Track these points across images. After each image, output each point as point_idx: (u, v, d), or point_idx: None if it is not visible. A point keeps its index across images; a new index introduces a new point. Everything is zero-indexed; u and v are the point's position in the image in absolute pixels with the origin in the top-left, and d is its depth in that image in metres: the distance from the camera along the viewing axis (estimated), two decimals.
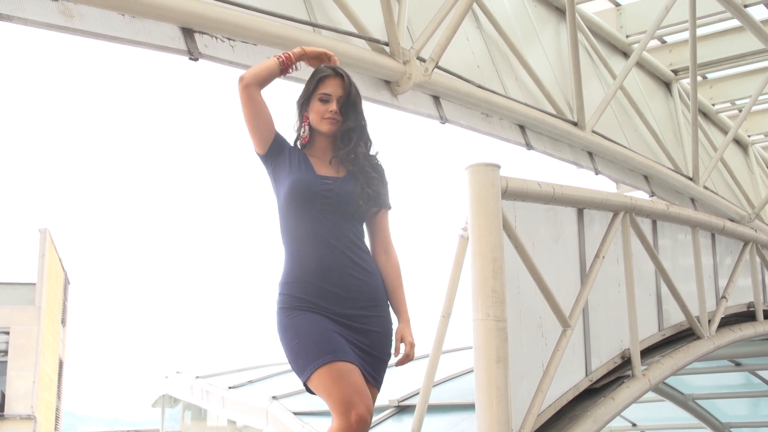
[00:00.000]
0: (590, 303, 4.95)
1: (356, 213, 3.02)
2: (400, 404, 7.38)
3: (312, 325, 2.88)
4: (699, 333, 6.02)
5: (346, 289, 2.94)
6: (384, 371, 3.01)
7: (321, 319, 2.90)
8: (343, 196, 2.99)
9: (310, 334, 2.85)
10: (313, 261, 2.95)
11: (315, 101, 3.05)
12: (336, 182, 3.01)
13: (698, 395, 11.61)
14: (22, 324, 25.11)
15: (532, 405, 4.29)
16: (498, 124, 6.68)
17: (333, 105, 3.05)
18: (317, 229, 2.97)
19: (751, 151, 12.35)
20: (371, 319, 2.97)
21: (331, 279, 2.93)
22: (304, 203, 2.98)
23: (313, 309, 2.91)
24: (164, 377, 14.74)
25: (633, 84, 9.27)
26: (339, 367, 2.80)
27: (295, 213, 3.00)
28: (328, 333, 2.86)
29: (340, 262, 2.95)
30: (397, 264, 3.11)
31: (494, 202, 4.08)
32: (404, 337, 3.01)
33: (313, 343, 2.84)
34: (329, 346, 2.82)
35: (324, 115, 3.04)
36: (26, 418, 24.51)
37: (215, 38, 4.46)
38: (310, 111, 3.07)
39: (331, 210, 2.98)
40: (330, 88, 3.06)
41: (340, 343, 2.85)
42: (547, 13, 8.09)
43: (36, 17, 3.73)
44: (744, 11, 8.59)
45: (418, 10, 5.91)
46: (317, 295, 2.93)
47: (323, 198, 2.98)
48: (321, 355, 2.80)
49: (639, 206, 5.36)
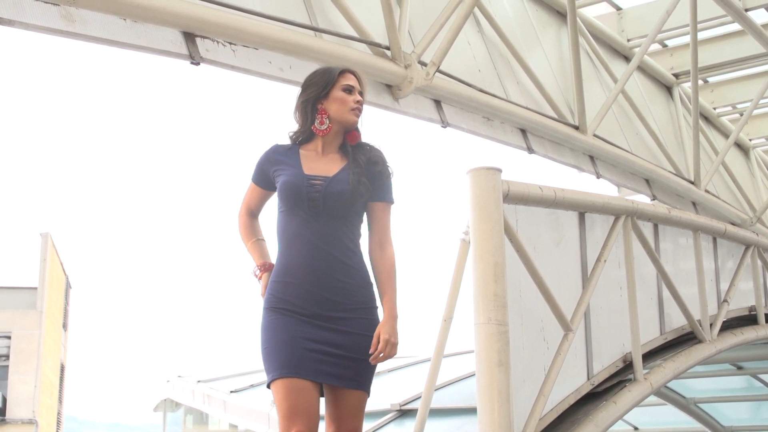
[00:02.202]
0: (592, 307, 4.95)
1: (347, 212, 3.00)
2: (402, 408, 7.37)
3: (282, 335, 2.91)
4: (701, 337, 6.02)
5: (330, 292, 2.94)
6: (368, 372, 2.98)
7: (293, 327, 2.91)
8: (331, 197, 2.97)
9: (278, 343, 2.91)
10: (298, 262, 2.96)
11: (337, 92, 3.06)
12: (324, 182, 2.99)
13: (700, 399, 11.59)
14: (24, 328, 25.11)
15: (534, 409, 4.28)
16: (499, 128, 6.68)
17: (357, 95, 3.09)
18: (305, 230, 2.97)
19: (752, 155, 12.35)
20: (352, 321, 2.95)
21: (315, 281, 2.94)
22: (293, 205, 3.00)
23: (291, 312, 2.93)
24: (166, 381, 14.75)
25: (634, 88, 9.27)
26: (293, 384, 2.87)
27: (286, 214, 3.02)
28: (293, 345, 2.89)
29: (325, 265, 2.94)
30: (391, 260, 3.06)
31: (495, 206, 4.08)
32: (381, 333, 2.96)
33: (277, 352, 2.91)
34: (290, 361, 2.88)
35: (351, 106, 3.06)
36: (28, 422, 24.51)
37: (216, 42, 4.47)
38: (330, 102, 3.06)
39: (319, 211, 2.97)
40: (352, 81, 3.11)
41: (302, 357, 2.88)
42: (548, 17, 8.09)
43: (37, 22, 3.73)
44: (745, 15, 8.59)
45: (419, 14, 5.92)
46: (299, 296, 2.94)
47: (310, 200, 2.97)
48: (280, 368, 2.89)
49: (640, 210, 5.36)
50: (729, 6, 8.29)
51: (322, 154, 3.08)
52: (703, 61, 9.51)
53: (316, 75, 3.12)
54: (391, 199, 3.11)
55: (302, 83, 3.16)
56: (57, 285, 27.84)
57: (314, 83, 3.09)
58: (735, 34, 9.80)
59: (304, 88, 3.12)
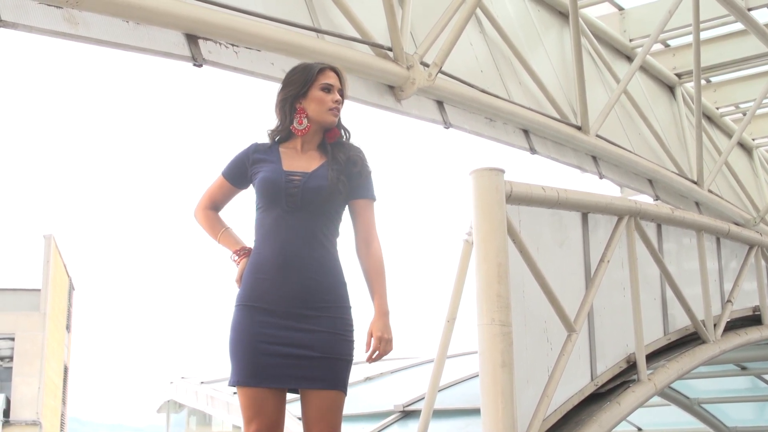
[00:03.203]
0: (595, 307, 4.95)
1: (325, 208, 2.98)
2: (405, 409, 7.38)
3: (246, 338, 2.92)
4: (704, 337, 6.01)
5: (300, 289, 2.91)
6: (337, 370, 2.92)
7: (260, 331, 2.91)
8: (310, 192, 2.96)
9: (243, 347, 2.93)
10: (271, 259, 2.94)
11: (315, 91, 3.04)
12: (303, 177, 2.98)
13: (704, 399, 11.58)
14: (27, 330, 25.15)
15: (538, 410, 4.28)
16: (502, 129, 6.68)
17: (336, 95, 3.07)
18: (280, 226, 2.95)
19: (755, 155, 12.33)
20: (323, 319, 2.91)
21: (287, 278, 2.92)
22: (271, 201, 2.98)
23: (260, 309, 2.92)
24: (169, 383, 14.77)
25: (637, 88, 9.26)
26: (254, 393, 2.91)
27: (263, 211, 3.01)
28: (258, 351, 2.89)
29: (298, 262, 2.92)
30: (378, 257, 3.03)
31: (499, 207, 4.08)
32: (373, 332, 2.94)
33: (241, 357, 2.93)
34: (254, 370, 2.90)
35: (329, 105, 3.04)
36: (31, 423, 24.55)
37: (219, 44, 4.47)
38: (309, 101, 3.04)
39: (297, 207, 2.95)
40: (331, 79, 3.08)
41: (267, 365, 2.89)
42: (550, 18, 8.09)
43: (41, 24, 3.74)
44: (748, 14, 8.58)
45: (421, 15, 5.92)
46: (269, 293, 2.92)
47: (288, 196, 2.96)
48: (243, 376, 2.92)
49: (644, 210, 5.36)
50: (732, 5, 8.28)
51: (302, 152, 3.06)
52: (705, 60, 9.50)
53: (296, 72, 3.09)
54: (373, 196, 3.08)
55: (283, 79, 3.13)
56: (60, 287, 27.88)
57: (293, 81, 3.06)
58: (738, 34, 9.78)
59: (283, 86, 3.10)
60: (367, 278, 3.03)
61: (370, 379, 9.63)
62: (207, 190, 3.21)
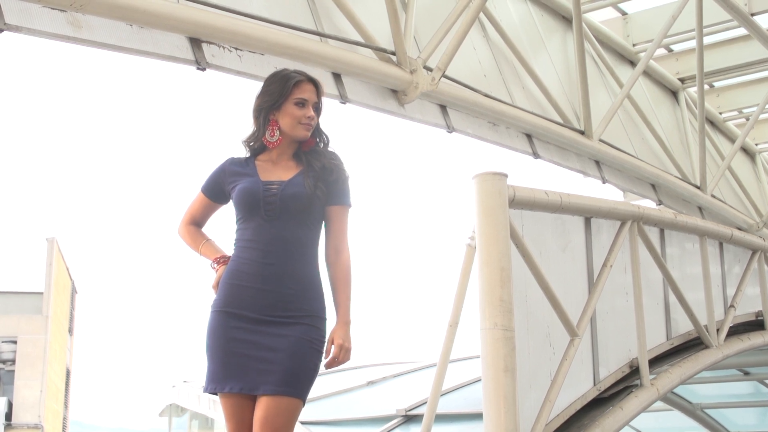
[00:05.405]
0: (598, 312, 4.94)
1: (303, 216, 2.99)
2: (408, 413, 7.37)
3: (219, 343, 2.95)
4: (707, 342, 6.00)
5: (276, 297, 2.93)
6: (300, 377, 2.91)
7: (230, 333, 2.93)
8: (287, 200, 2.97)
9: (217, 354, 2.96)
10: (247, 267, 2.96)
11: (289, 105, 3.04)
12: (281, 186, 2.99)
13: (707, 404, 11.56)
14: (30, 333, 25.16)
15: (540, 414, 4.28)
16: (505, 133, 6.68)
17: (309, 110, 3.06)
18: (259, 235, 2.97)
19: (758, 160, 12.33)
20: (293, 326, 2.92)
21: (262, 285, 2.94)
22: (250, 211, 3.00)
23: (235, 315, 2.94)
24: (171, 386, 14.75)
25: (640, 92, 9.26)
26: (229, 402, 2.94)
27: (243, 222, 3.03)
28: (228, 357, 2.93)
29: (274, 270, 2.94)
30: (346, 265, 3.04)
31: (501, 211, 4.08)
32: (334, 339, 2.95)
33: (214, 364, 2.96)
34: (225, 374, 2.93)
35: (301, 120, 3.04)
36: (33, 427, 24.55)
37: (222, 48, 4.48)
38: (282, 115, 3.04)
39: (275, 216, 2.97)
40: (306, 93, 3.07)
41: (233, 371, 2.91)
42: (553, 22, 8.10)
43: (45, 28, 3.75)
44: (751, 20, 8.59)
45: (425, 19, 5.92)
46: (245, 299, 2.94)
47: (266, 204, 2.97)
48: (215, 382, 2.95)
49: (647, 215, 5.35)
50: (735, 10, 8.28)
51: (277, 163, 3.08)
52: (709, 65, 9.50)
53: (273, 83, 3.08)
54: (348, 203, 3.09)
55: (262, 84, 3.13)
56: (63, 290, 27.90)
57: (269, 92, 3.06)
58: (741, 39, 9.79)
59: (260, 92, 3.10)
60: (333, 286, 3.05)
61: (372, 384, 9.61)
62: (188, 206, 3.25)
